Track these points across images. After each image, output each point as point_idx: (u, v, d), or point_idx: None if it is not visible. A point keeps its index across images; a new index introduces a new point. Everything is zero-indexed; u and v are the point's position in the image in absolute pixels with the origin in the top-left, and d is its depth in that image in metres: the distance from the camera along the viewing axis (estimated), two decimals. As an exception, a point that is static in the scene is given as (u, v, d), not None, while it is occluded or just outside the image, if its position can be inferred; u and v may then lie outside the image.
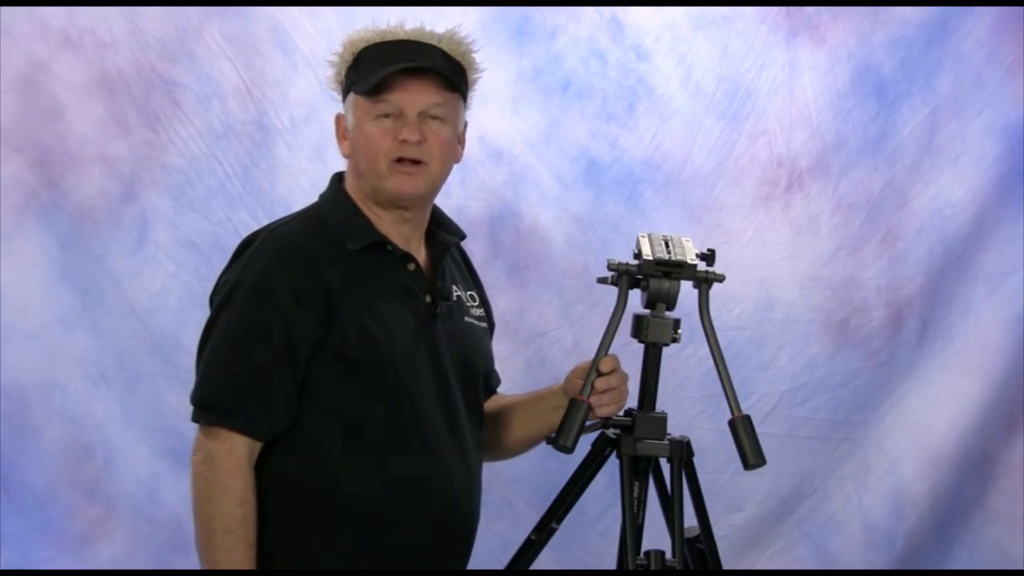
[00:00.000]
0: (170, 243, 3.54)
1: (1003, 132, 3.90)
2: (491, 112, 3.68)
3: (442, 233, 2.46)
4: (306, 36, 3.56)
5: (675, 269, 2.42)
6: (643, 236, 2.47)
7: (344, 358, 2.26)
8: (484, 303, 2.54)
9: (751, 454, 2.42)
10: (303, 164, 3.57)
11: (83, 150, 3.47)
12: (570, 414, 2.37)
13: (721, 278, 2.44)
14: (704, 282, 2.44)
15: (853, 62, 3.88)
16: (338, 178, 2.44)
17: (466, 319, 2.46)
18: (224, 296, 2.28)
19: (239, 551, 2.22)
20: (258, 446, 2.25)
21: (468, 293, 2.50)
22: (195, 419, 2.27)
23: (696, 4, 3.82)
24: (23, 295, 3.43)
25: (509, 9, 3.72)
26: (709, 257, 2.46)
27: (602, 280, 2.47)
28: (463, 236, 2.50)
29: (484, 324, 2.51)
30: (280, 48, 3.58)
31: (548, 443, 2.39)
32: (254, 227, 2.46)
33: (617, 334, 2.43)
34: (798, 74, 3.87)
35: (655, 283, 2.42)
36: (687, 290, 2.45)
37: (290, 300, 2.24)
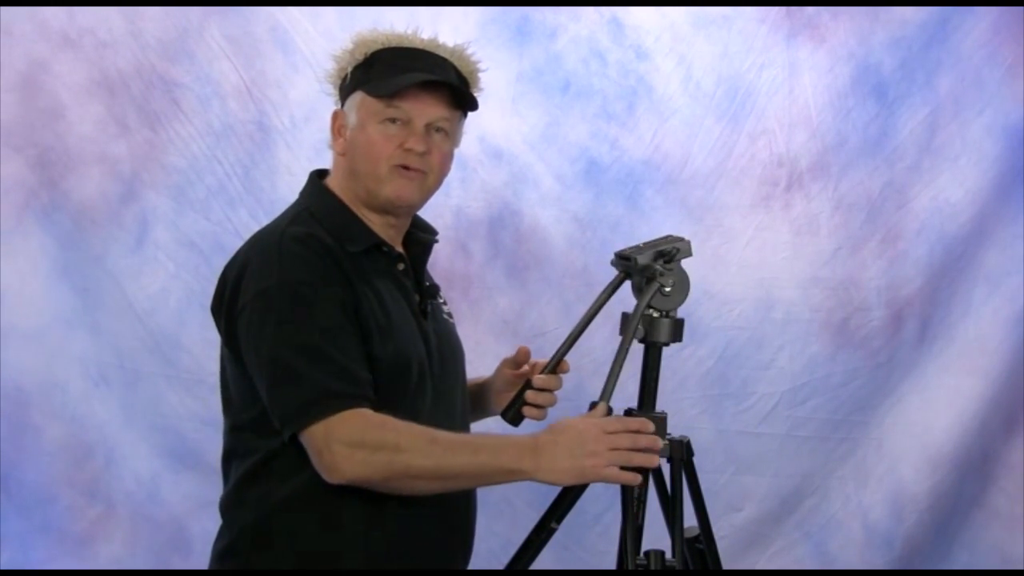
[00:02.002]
0: (170, 243, 3.54)
1: (1003, 132, 3.90)
2: (491, 112, 3.68)
3: (418, 232, 2.46)
4: (306, 36, 3.56)
5: (627, 263, 2.42)
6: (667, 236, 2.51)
7: (370, 356, 2.24)
8: (445, 300, 2.56)
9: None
10: (303, 164, 3.57)
11: (83, 150, 3.47)
12: (520, 392, 2.47)
13: (653, 272, 2.35)
14: (652, 278, 2.38)
15: (853, 62, 3.88)
16: (317, 175, 2.43)
17: (443, 316, 2.48)
18: (269, 301, 2.21)
19: (458, 439, 2.19)
20: None
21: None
22: (311, 419, 2.15)
23: (696, 4, 3.82)
24: (23, 295, 3.43)
25: (509, 9, 3.72)
26: (667, 254, 2.45)
27: None
28: (437, 233, 2.51)
29: (453, 320, 2.53)
30: (280, 48, 3.58)
31: (501, 416, 2.49)
32: (254, 227, 2.45)
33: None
34: (798, 74, 3.87)
35: (631, 278, 2.45)
36: (691, 293, 2.46)
37: (337, 288, 2.22)
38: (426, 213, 2.56)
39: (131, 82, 3.50)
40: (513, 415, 2.47)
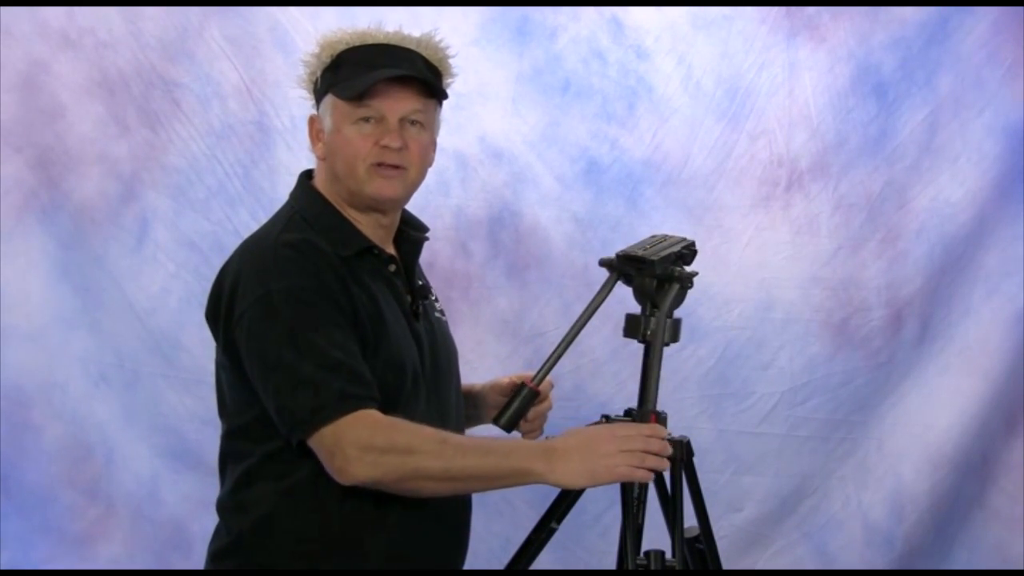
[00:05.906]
0: (170, 243, 3.54)
1: (1003, 132, 3.90)
2: (491, 112, 3.68)
3: (409, 230, 2.46)
4: (306, 36, 3.56)
5: (639, 265, 2.40)
6: (653, 235, 2.49)
7: (366, 359, 2.24)
8: (437, 297, 2.55)
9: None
10: (303, 164, 3.52)
11: (83, 150, 3.47)
12: (514, 398, 2.42)
13: (685, 276, 2.37)
14: (671, 280, 2.38)
15: (853, 62, 3.88)
16: (306, 177, 2.43)
17: (435, 315, 2.47)
18: (270, 307, 2.19)
19: (469, 441, 2.21)
20: None
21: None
22: (320, 424, 2.14)
23: (696, 4, 3.82)
24: (23, 295, 3.43)
25: (509, 9, 3.71)
26: (686, 256, 2.43)
27: None
28: (428, 230, 2.51)
29: (445, 318, 2.53)
30: (280, 48, 3.58)
31: (492, 423, 2.45)
32: (254, 227, 2.45)
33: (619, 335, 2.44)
34: (798, 74, 3.87)
35: (636, 279, 2.42)
36: (691, 293, 2.45)
37: (334, 295, 2.22)
38: (426, 213, 2.55)
39: (131, 82, 3.50)
40: (509, 420, 2.42)
